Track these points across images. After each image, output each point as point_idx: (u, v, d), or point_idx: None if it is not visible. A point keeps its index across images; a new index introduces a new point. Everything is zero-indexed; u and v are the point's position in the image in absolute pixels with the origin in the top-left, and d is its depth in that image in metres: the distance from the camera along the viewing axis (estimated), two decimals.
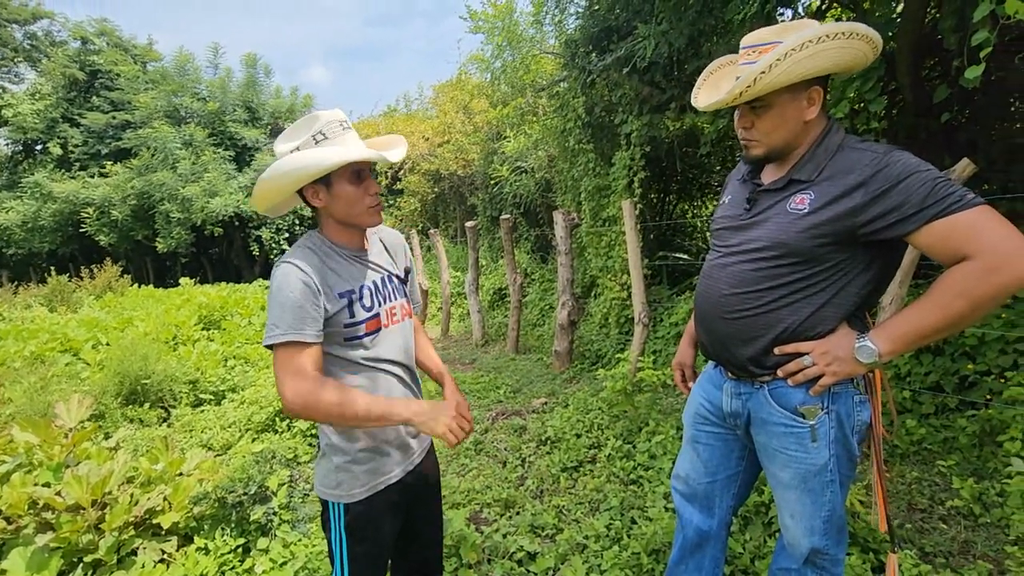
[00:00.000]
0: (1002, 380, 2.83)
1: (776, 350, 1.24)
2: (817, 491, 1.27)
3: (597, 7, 4.95)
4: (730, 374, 1.38)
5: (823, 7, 4.08)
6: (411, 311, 1.48)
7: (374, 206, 1.29)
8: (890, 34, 3.59)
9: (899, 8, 3.62)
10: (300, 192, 1.26)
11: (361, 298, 1.28)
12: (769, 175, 1.31)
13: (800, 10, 4.48)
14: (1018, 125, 3.84)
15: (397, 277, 1.43)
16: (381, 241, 1.45)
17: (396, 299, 1.39)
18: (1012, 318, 2.83)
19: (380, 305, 1.32)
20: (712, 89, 1.37)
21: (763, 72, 1.11)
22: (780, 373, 1.24)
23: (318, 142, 1.22)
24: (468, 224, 6.79)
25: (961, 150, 3.57)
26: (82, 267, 12.80)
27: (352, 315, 1.25)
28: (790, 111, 1.19)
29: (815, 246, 1.16)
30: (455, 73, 12.90)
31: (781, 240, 1.19)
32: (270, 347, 1.17)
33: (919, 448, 2.86)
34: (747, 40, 1.22)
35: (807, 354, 1.21)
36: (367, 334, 1.28)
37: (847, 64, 1.18)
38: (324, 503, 1.32)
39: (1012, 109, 3.79)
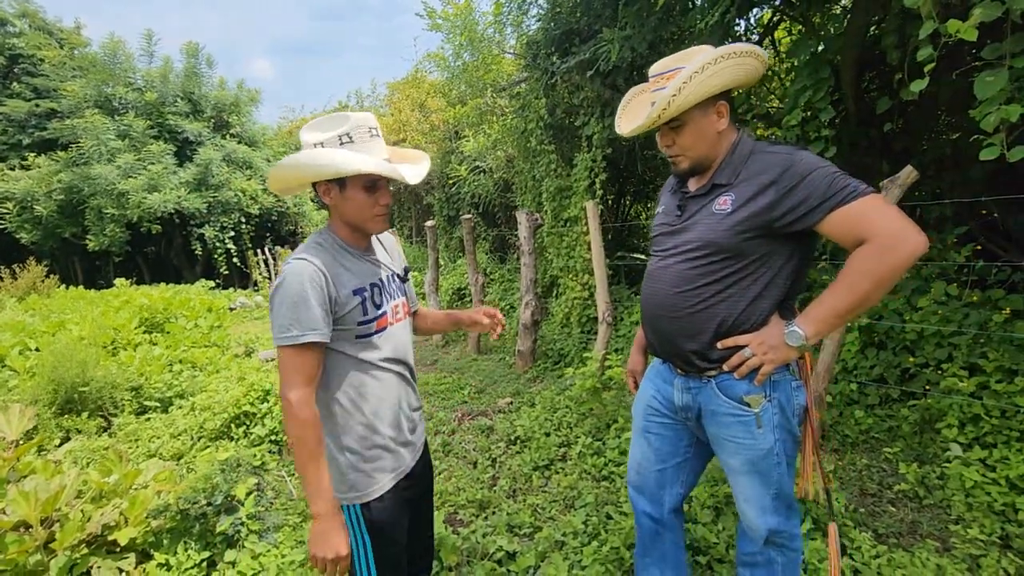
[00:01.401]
0: (939, 372, 3.06)
1: (719, 345, 1.34)
2: (765, 473, 1.38)
3: (559, 10, 5.01)
4: (679, 370, 1.47)
5: (775, 20, 4.28)
6: (410, 310, 1.51)
7: (381, 215, 1.32)
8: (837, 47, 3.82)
9: (844, 24, 3.85)
10: (314, 183, 1.28)
11: (372, 296, 1.31)
12: (695, 183, 1.44)
13: (752, 21, 4.70)
14: (945, 136, 4.15)
15: (398, 276, 1.47)
16: (379, 241, 1.49)
17: (398, 297, 1.42)
18: (947, 314, 3.06)
19: (387, 303, 1.35)
20: (632, 116, 1.50)
21: (674, 95, 1.25)
22: (726, 367, 1.34)
23: (343, 143, 1.23)
24: (428, 224, 6.71)
25: (897, 158, 3.84)
26: (2, 267, 11.80)
27: (365, 312, 1.28)
28: (704, 125, 1.34)
29: (740, 241, 1.28)
30: (411, 71, 12.71)
31: (711, 239, 1.31)
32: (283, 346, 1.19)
33: (867, 437, 3.04)
34: (654, 69, 1.37)
35: (746, 347, 1.32)
36: (377, 332, 1.31)
37: (742, 79, 1.33)
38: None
39: (941, 121, 4.09)
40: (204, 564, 2.11)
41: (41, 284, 10.83)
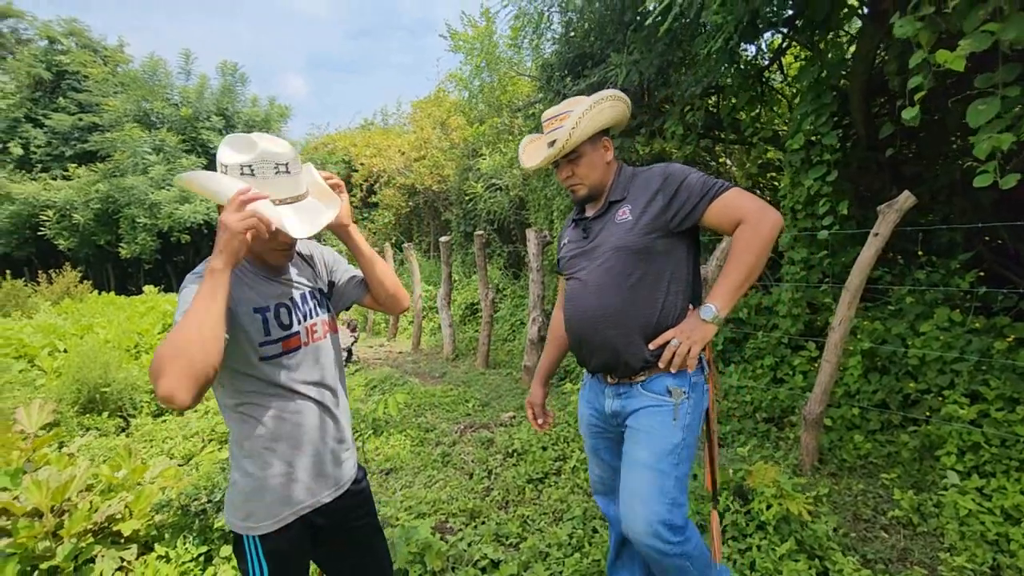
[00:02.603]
0: (940, 398, 3.02)
1: (650, 346, 1.48)
2: (666, 473, 1.44)
3: (573, 34, 5.15)
4: (610, 379, 1.58)
5: (784, 46, 4.34)
6: (335, 326, 1.43)
7: (281, 251, 1.26)
8: (843, 73, 3.87)
9: (851, 51, 3.89)
10: None
11: (277, 315, 1.25)
12: (591, 209, 1.64)
13: (764, 47, 4.76)
14: (960, 161, 4.13)
15: (320, 292, 1.40)
16: (300, 255, 1.40)
17: (317, 315, 1.35)
18: (949, 340, 3.03)
19: (299, 323, 1.29)
20: (534, 154, 1.70)
21: (573, 128, 1.49)
22: (660, 364, 1.47)
23: (243, 174, 1.15)
24: (442, 239, 6.86)
25: (907, 183, 3.83)
26: (39, 271, 12.35)
27: (267, 332, 1.22)
28: (595, 157, 1.57)
29: (649, 241, 1.48)
30: (433, 90, 13.04)
31: (621, 244, 1.50)
32: None
33: (865, 462, 3.02)
34: (547, 114, 1.60)
35: (673, 339, 1.47)
36: (284, 352, 1.25)
37: (616, 119, 1.59)
38: (237, 536, 1.27)
39: (954, 147, 4.07)
40: (201, 558, 2.20)
41: (75, 289, 11.30)
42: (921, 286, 3.37)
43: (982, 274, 3.31)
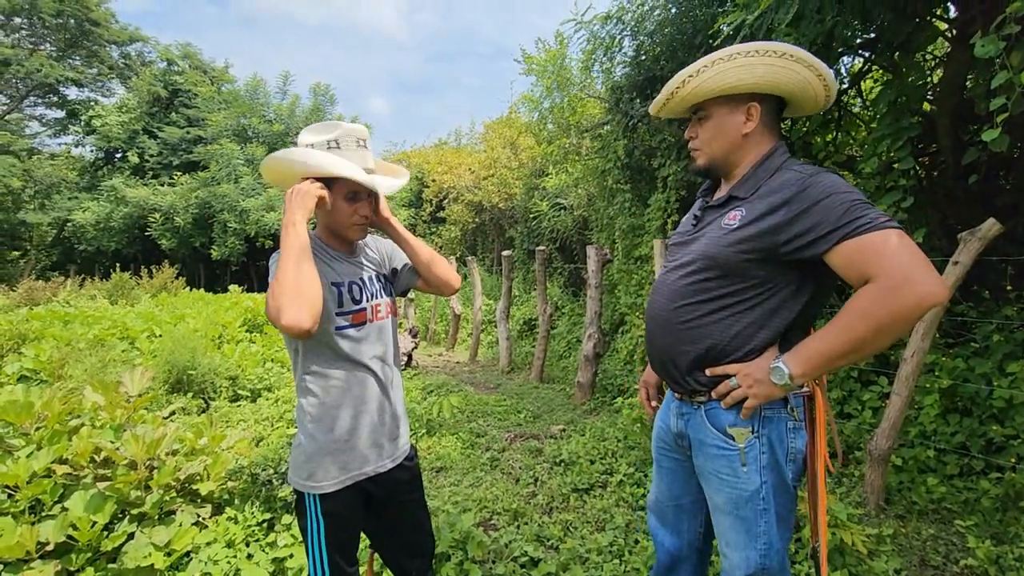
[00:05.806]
0: None
1: (707, 372, 1.26)
2: (751, 519, 1.24)
3: (644, 58, 5.23)
4: (676, 394, 1.39)
5: (864, 70, 4.21)
6: (395, 310, 1.56)
7: (359, 224, 1.42)
8: (930, 98, 3.71)
9: (938, 74, 3.73)
10: None
11: (351, 291, 1.40)
12: (718, 192, 1.36)
13: (843, 71, 4.63)
14: None
15: (384, 276, 1.55)
16: (366, 246, 1.56)
17: (382, 297, 1.49)
18: None
19: (367, 300, 1.43)
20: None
21: (690, 76, 1.18)
22: (713, 394, 1.26)
23: (330, 148, 1.35)
24: (504, 253, 7.03)
25: (1001, 213, 3.59)
26: (142, 267, 13.67)
27: (341, 304, 1.37)
28: (728, 123, 1.25)
29: (740, 261, 1.19)
30: (505, 111, 13.47)
31: (710, 253, 1.23)
32: None
33: (938, 507, 2.81)
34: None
35: (735, 376, 1.23)
36: (353, 325, 1.39)
37: (785, 85, 1.20)
38: (299, 495, 1.39)
39: None
40: (264, 524, 2.39)
41: (171, 284, 12.41)
42: (1011, 323, 3.13)
43: None
